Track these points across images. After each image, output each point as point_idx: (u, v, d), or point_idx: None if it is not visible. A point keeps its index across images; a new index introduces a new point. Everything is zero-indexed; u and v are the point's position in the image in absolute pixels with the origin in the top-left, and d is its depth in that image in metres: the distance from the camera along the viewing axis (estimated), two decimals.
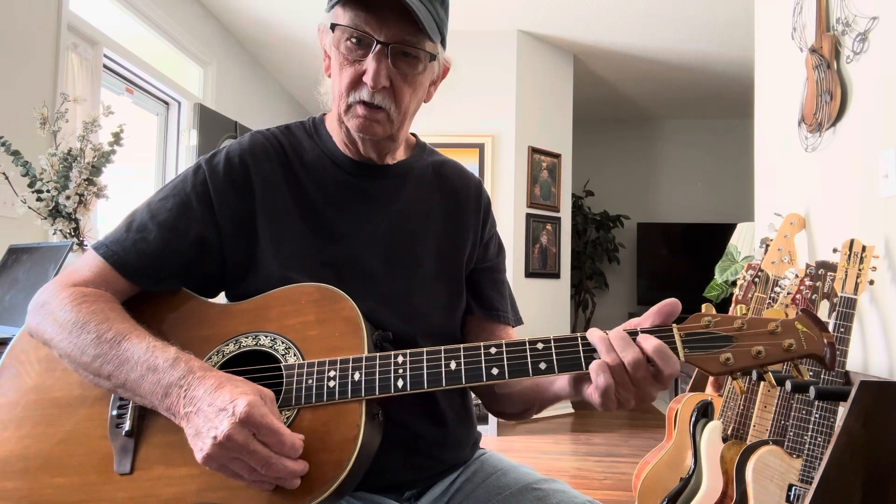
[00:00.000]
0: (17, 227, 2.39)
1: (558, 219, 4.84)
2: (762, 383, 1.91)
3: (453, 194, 1.06)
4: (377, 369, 0.79)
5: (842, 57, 2.05)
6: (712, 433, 1.98)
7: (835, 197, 2.09)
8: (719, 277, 3.10)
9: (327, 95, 0.97)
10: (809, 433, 1.61)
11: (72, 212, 2.07)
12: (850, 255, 1.70)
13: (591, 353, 0.76)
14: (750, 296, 2.16)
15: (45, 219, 2.08)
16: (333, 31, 0.90)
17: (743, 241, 3.18)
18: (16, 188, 2.08)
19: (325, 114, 1.05)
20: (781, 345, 0.74)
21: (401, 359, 0.80)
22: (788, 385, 1.60)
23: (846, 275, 1.69)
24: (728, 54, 4.72)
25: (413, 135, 1.09)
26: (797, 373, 0.75)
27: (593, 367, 0.75)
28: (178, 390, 0.74)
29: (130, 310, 0.86)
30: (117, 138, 2.13)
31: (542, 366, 0.77)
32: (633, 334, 0.76)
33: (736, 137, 6.13)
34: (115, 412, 0.82)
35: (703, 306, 2.30)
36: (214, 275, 0.94)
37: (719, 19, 4.17)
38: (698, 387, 2.38)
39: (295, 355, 0.82)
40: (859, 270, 1.68)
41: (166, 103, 3.97)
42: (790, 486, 1.62)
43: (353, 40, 0.88)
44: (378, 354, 0.80)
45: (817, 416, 1.60)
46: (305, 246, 0.93)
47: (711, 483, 1.90)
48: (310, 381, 0.79)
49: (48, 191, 2.04)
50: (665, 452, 2.22)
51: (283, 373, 0.81)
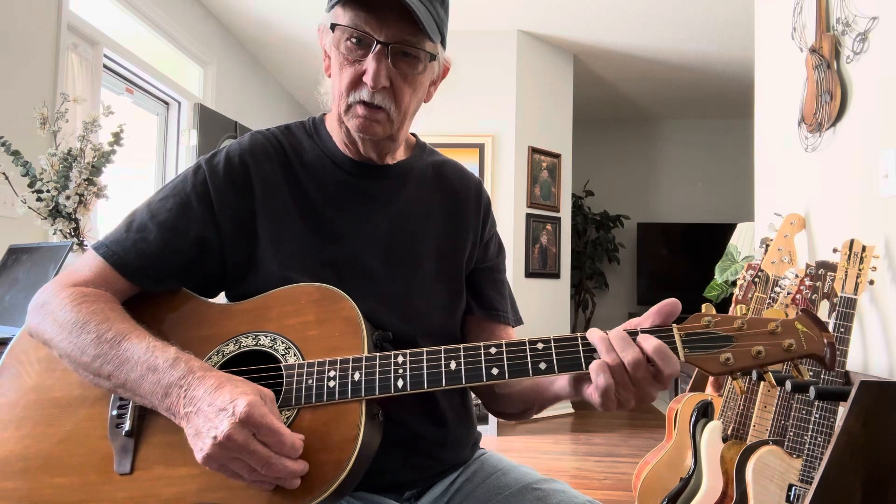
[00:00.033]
0: (17, 227, 2.39)
1: (558, 219, 4.84)
2: (762, 383, 1.91)
3: (453, 194, 1.06)
4: (377, 369, 0.79)
5: (842, 57, 2.05)
6: (712, 433, 1.98)
7: (835, 197, 2.09)
8: (719, 277, 3.10)
9: (327, 95, 0.97)
10: (809, 433, 1.61)
11: (72, 212, 2.07)
12: (850, 255, 1.70)
13: (591, 353, 0.76)
14: (750, 296, 2.16)
15: (45, 219, 2.08)
16: (333, 31, 0.90)
17: (743, 241, 3.18)
18: (16, 188, 2.08)
19: (325, 114, 1.04)
20: (781, 345, 0.74)
21: (401, 359, 0.80)
22: (788, 385, 1.60)
23: (846, 275, 1.69)
24: (728, 54, 4.72)
25: (413, 135, 1.09)
26: (797, 373, 0.75)
27: (593, 368, 0.75)
28: (178, 390, 0.74)
29: (130, 310, 0.86)
30: (117, 138, 2.13)
31: (542, 366, 0.77)
32: (633, 334, 0.76)
33: (736, 137, 6.13)
34: (115, 412, 0.82)
35: (703, 306, 2.30)
36: (214, 275, 0.94)
37: (719, 19, 4.17)
38: (698, 387, 2.38)
39: (295, 355, 0.82)
40: (859, 270, 1.68)
41: (166, 103, 3.97)
42: (790, 486, 1.62)
43: (353, 40, 0.88)
44: (378, 354, 0.80)
45: (817, 416, 1.60)
46: (305, 246, 0.93)
47: (711, 483, 1.90)
48: (310, 381, 0.79)
49: (48, 191, 2.04)
50: (665, 452, 2.22)
51: (283, 373, 0.81)
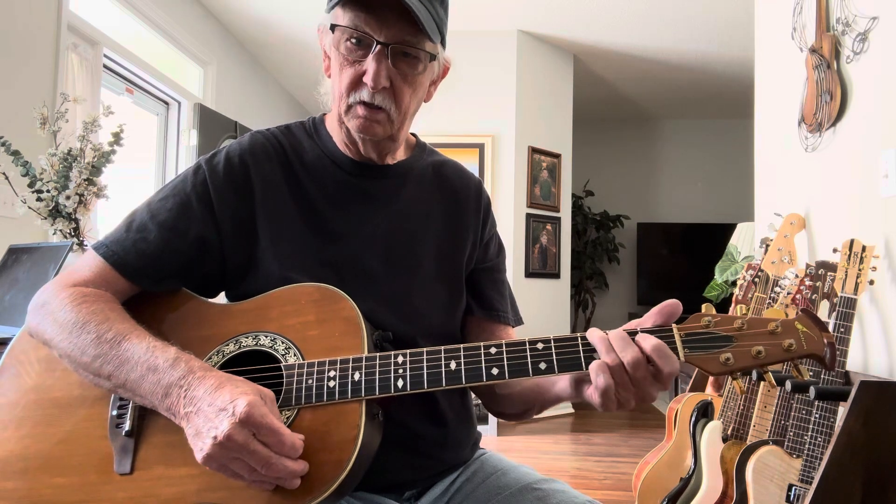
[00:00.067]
0: (17, 227, 2.39)
1: (558, 219, 4.84)
2: (762, 383, 1.91)
3: (453, 194, 1.05)
4: (377, 369, 0.79)
5: (842, 57, 2.05)
6: (712, 433, 1.98)
7: (835, 197, 2.09)
8: (719, 277, 3.10)
9: (327, 96, 0.97)
10: (809, 433, 1.61)
11: (72, 212, 2.07)
12: (850, 255, 1.70)
13: (591, 353, 0.76)
14: (750, 296, 2.16)
15: (45, 219, 2.08)
16: (333, 31, 0.89)
17: (743, 241, 3.18)
18: (16, 188, 2.08)
19: (325, 114, 1.04)
20: (781, 345, 0.74)
21: (401, 359, 0.80)
22: (788, 385, 1.60)
23: (846, 275, 1.69)
24: (728, 54, 4.72)
25: (413, 135, 1.09)
26: (797, 373, 0.75)
27: (593, 368, 0.75)
28: (179, 390, 0.74)
29: (130, 310, 0.86)
30: (117, 138, 2.13)
31: (542, 366, 0.77)
32: (633, 334, 0.76)
33: (736, 137, 6.13)
34: (115, 412, 0.82)
35: (703, 306, 2.30)
36: (214, 275, 0.94)
37: (719, 19, 4.17)
38: (698, 387, 2.38)
39: (295, 355, 0.82)
40: (859, 270, 1.68)
41: (166, 103, 3.97)
42: (790, 486, 1.62)
43: (353, 41, 0.88)
44: (378, 354, 0.80)
45: (817, 416, 1.60)
46: (305, 246, 0.93)
47: (711, 483, 1.90)
48: (310, 381, 0.79)
49: (48, 191, 2.04)
50: (665, 452, 2.22)
51: (283, 373, 0.81)
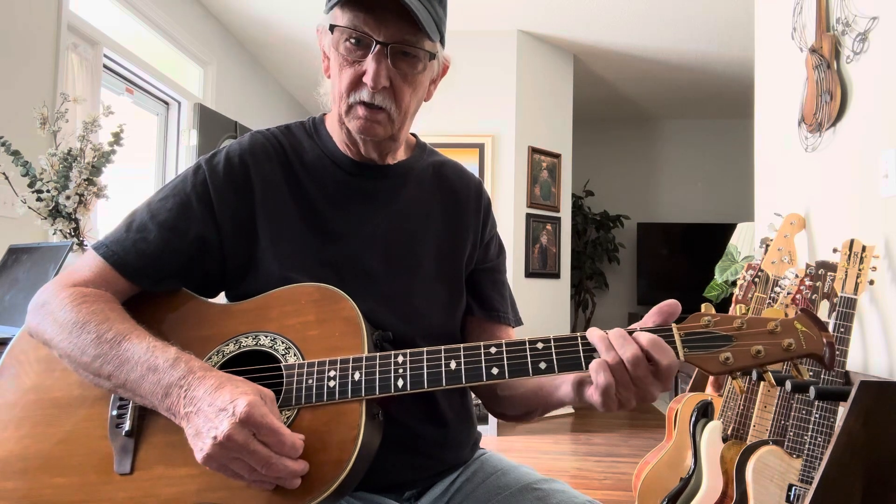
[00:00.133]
0: (17, 227, 2.39)
1: (558, 219, 4.84)
2: (762, 383, 1.91)
3: (453, 195, 1.05)
4: (377, 369, 0.79)
5: (842, 57, 2.05)
6: (712, 433, 1.97)
7: (835, 197, 2.09)
8: (719, 277, 3.10)
9: (327, 96, 0.97)
10: (809, 433, 1.61)
11: (72, 212, 2.07)
12: (850, 255, 1.70)
13: (590, 352, 0.76)
14: (750, 296, 2.16)
15: (45, 219, 2.08)
16: (332, 32, 0.89)
17: (743, 241, 3.18)
18: (16, 188, 2.08)
19: (325, 114, 1.04)
20: (781, 344, 0.74)
21: (401, 359, 0.80)
22: (788, 385, 1.60)
23: (846, 275, 1.69)
24: (728, 54, 4.72)
25: (413, 135, 1.09)
26: (797, 372, 0.75)
27: (593, 366, 0.75)
28: (179, 390, 0.74)
29: (130, 310, 0.86)
30: (117, 138, 2.13)
31: (542, 365, 0.77)
32: (632, 333, 0.76)
33: (736, 137, 6.13)
34: (115, 412, 0.82)
35: (703, 306, 2.29)
36: (214, 275, 0.94)
37: (719, 19, 4.17)
38: (698, 387, 2.38)
39: (295, 355, 0.82)
40: (859, 270, 1.68)
41: (166, 103, 3.97)
42: (790, 486, 1.62)
43: (353, 41, 0.88)
44: (378, 354, 0.80)
45: (817, 416, 1.60)
46: (305, 246, 0.93)
47: (711, 483, 1.90)
48: (310, 381, 0.79)
49: (48, 191, 2.04)
50: (665, 452, 2.22)
51: (284, 373, 0.81)
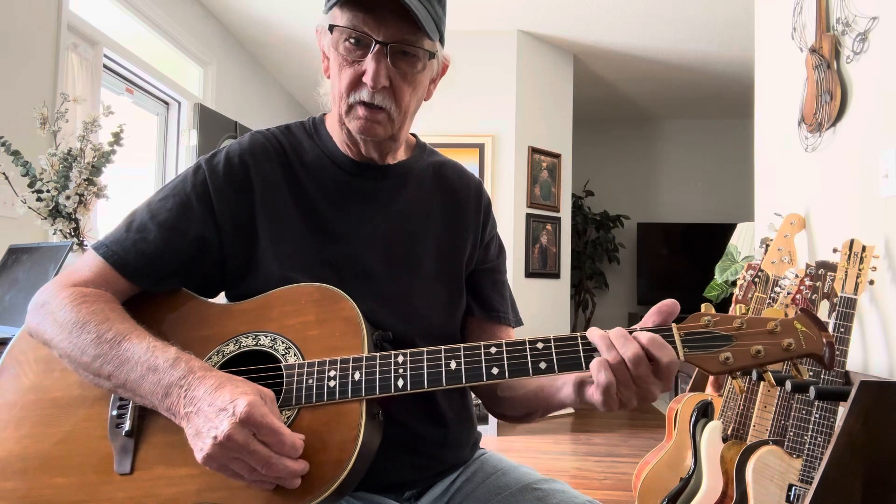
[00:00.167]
0: (17, 227, 2.39)
1: (558, 219, 4.84)
2: (762, 383, 1.91)
3: (453, 195, 1.05)
4: (377, 369, 0.79)
5: (842, 57, 2.05)
6: (712, 433, 1.97)
7: (835, 197, 2.09)
8: (719, 277, 3.10)
9: (327, 97, 0.97)
10: (809, 433, 1.61)
11: (72, 212, 2.07)
12: (850, 255, 1.70)
13: (591, 352, 0.76)
14: (750, 296, 2.16)
15: (45, 219, 2.08)
16: (332, 32, 0.89)
17: (743, 241, 3.18)
18: (16, 188, 2.08)
19: (325, 114, 1.04)
20: (780, 344, 0.74)
21: (401, 358, 0.80)
22: (788, 385, 1.60)
23: (846, 275, 1.69)
24: (728, 54, 4.72)
25: (413, 135, 1.09)
26: (797, 372, 0.75)
27: (594, 365, 0.75)
28: (179, 390, 0.74)
29: (130, 310, 0.86)
30: (117, 138, 2.13)
31: (542, 365, 0.77)
32: (632, 332, 0.76)
33: (736, 137, 6.13)
34: (115, 412, 0.82)
35: (703, 306, 2.28)
36: (214, 275, 0.94)
37: (719, 19, 4.17)
38: (698, 387, 2.38)
39: (295, 355, 0.82)
40: (859, 270, 1.68)
41: (166, 103, 3.97)
42: (790, 486, 1.62)
43: (352, 41, 0.88)
44: (378, 354, 0.80)
45: (817, 416, 1.60)
46: (305, 246, 0.93)
47: (711, 483, 1.90)
48: (310, 381, 0.79)
49: (48, 191, 2.04)
50: (665, 452, 2.22)
51: (284, 373, 0.81)
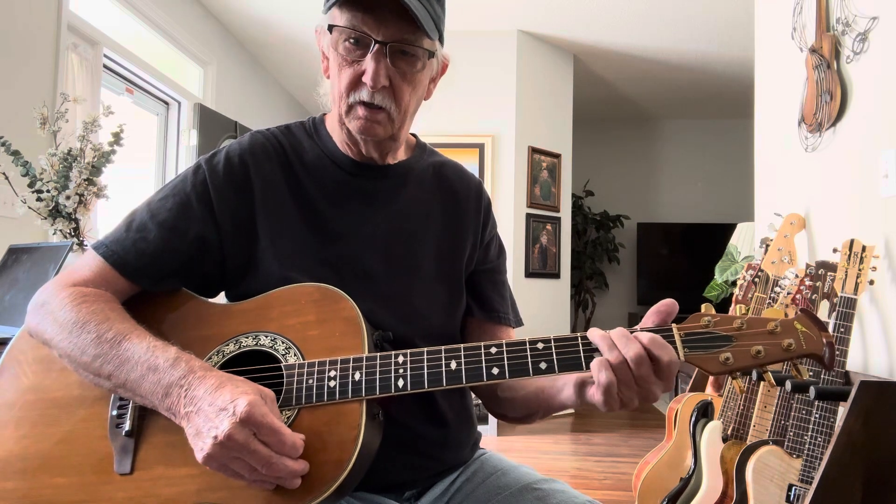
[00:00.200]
0: (17, 227, 2.39)
1: (558, 219, 4.84)
2: (762, 383, 1.91)
3: (453, 195, 1.05)
4: (377, 369, 0.79)
5: (842, 57, 2.05)
6: (712, 433, 1.98)
7: (835, 197, 2.09)
8: (719, 277, 3.10)
9: (326, 97, 0.97)
10: (809, 433, 1.61)
11: (72, 212, 2.07)
12: (850, 255, 1.70)
13: (591, 352, 0.76)
14: (750, 296, 2.16)
15: (45, 219, 2.08)
16: (331, 32, 0.89)
17: (743, 241, 3.18)
18: (16, 188, 2.08)
19: (325, 114, 1.04)
20: (781, 344, 0.74)
21: (401, 359, 0.80)
22: (788, 385, 1.60)
23: (846, 275, 1.69)
24: (728, 54, 4.72)
25: (413, 135, 1.09)
26: (797, 373, 0.75)
27: (595, 365, 0.75)
28: (179, 390, 0.74)
29: (130, 310, 0.86)
30: (117, 138, 2.13)
31: (543, 365, 0.77)
32: (633, 332, 0.76)
33: (736, 137, 6.13)
34: (115, 412, 0.82)
35: (703, 306, 2.30)
36: (214, 275, 0.94)
37: (719, 19, 4.17)
38: (698, 387, 2.38)
39: (295, 355, 0.82)
40: (859, 270, 1.68)
41: (166, 103, 3.97)
42: (790, 486, 1.62)
43: (351, 41, 0.88)
44: (378, 354, 0.80)
45: (817, 416, 1.60)
46: (305, 246, 0.93)
47: (711, 483, 1.90)
48: (310, 381, 0.79)
49: (48, 191, 2.04)
50: (665, 452, 2.22)
51: (284, 373, 0.81)
